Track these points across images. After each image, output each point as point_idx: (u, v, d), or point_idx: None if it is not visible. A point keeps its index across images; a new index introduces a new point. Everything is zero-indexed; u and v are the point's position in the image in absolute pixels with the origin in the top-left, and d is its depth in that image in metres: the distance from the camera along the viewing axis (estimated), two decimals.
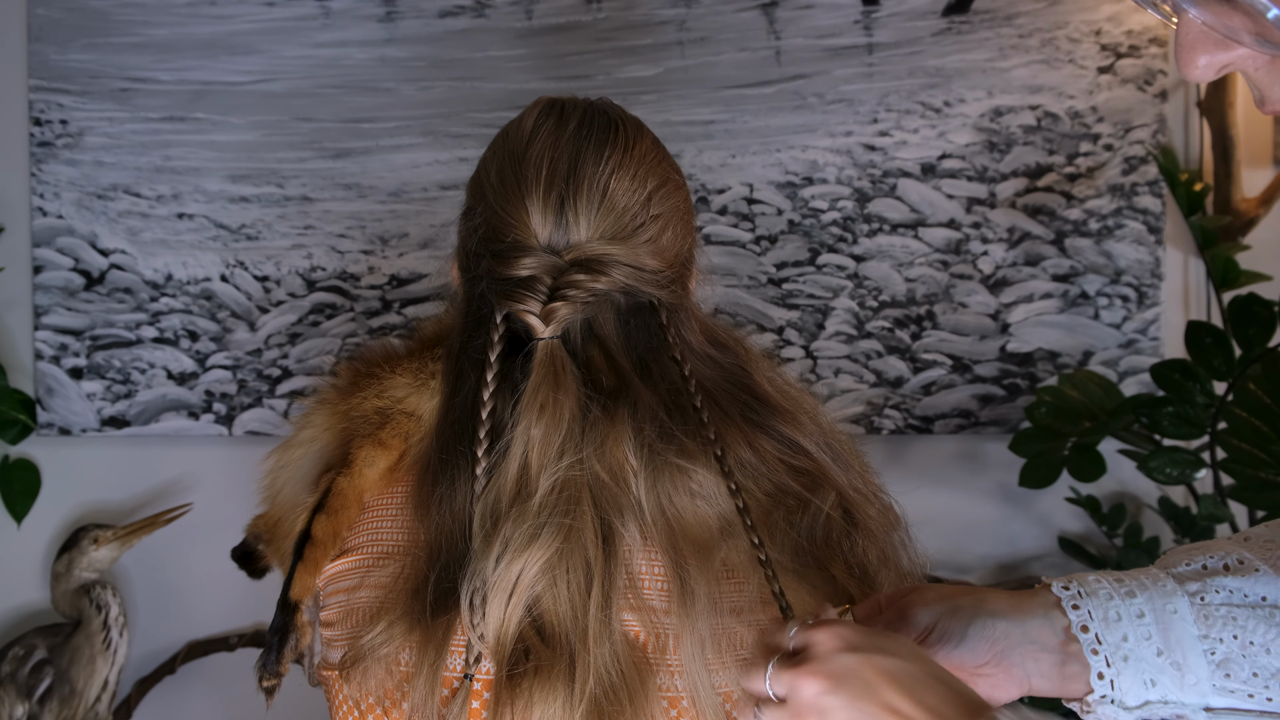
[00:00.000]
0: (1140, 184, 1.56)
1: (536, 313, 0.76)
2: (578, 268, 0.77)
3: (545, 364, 0.76)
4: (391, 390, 0.85)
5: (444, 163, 1.61)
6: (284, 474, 0.88)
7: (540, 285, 0.77)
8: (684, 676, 0.74)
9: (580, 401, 0.76)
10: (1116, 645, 0.65)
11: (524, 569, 0.72)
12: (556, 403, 0.75)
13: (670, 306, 0.81)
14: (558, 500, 0.74)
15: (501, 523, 0.74)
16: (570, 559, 0.73)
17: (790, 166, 1.58)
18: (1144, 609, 0.66)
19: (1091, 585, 0.68)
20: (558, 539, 0.73)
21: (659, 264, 0.80)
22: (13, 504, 1.62)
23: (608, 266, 0.77)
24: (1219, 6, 0.46)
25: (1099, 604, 0.67)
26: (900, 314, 1.58)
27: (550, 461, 0.74)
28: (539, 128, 0.82)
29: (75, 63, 1.62)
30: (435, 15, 1.60)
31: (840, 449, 0.84)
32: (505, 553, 0.73)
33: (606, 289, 0.77)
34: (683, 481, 0.76)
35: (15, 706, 1.49)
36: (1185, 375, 1.38)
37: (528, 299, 0.77)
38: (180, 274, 1.63)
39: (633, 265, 0.78)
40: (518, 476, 0.74)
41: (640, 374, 0.79)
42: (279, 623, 0.83)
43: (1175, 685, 0.64)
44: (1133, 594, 0.67)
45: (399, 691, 0.76)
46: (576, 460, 0.75)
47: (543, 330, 0.77)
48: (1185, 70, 0.51)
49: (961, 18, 1.57)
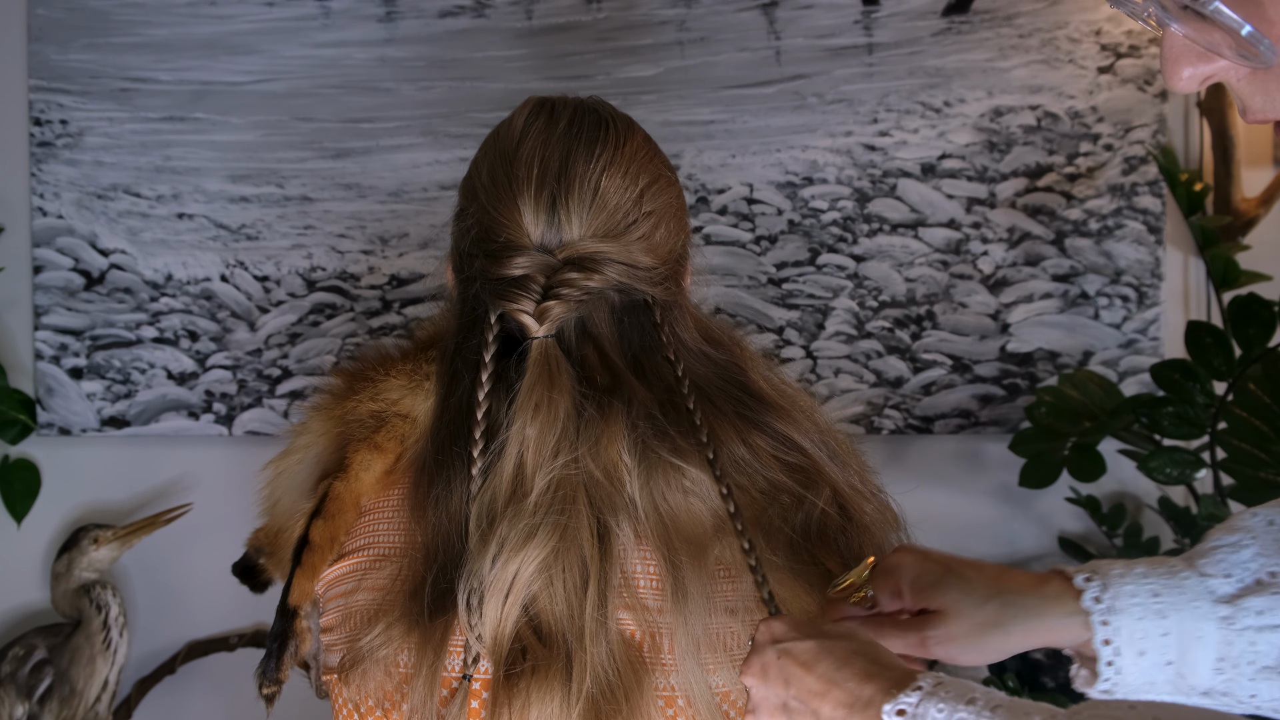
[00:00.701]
0: (1140, 184, 1.56)
1: (530, 312, 0.76)
2: (571, 266, 0.77)
3: (540, 363, 0.76)
4: (386, 393, 0.85)
5: (444, 163, 1.61)
6: (281, 482, 0.87)
7: (534, 284, 0.77)
8: (679, 675, 0.74)
9: (575, 400, 0.76)
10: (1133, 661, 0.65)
11: (520, 568, 0.72)
12: (551, 401, 0.75)
13: (664, 304, 0.81)
14: (553, 499, 0.74)
15: (497, 522, 0.74)
16: (566, 558, 0.73)
17: (790, 166, 1.58)
18: (1171, 629, 0.66)
19: (1125, 600, 0.67)
20: (554, 538, 0.73)
21: (652, 261, 0.80)
22: (13, 504, 1.62)
23: (601, 264, 0.77)
24: (1199, 22, 0.47)
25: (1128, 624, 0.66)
26: (900, 314, 1.58)
27: (545, 460, 0.74)
28: (529, 127, 0.81)
29: (75, 63, 1.62)
30: (435, 15, 1.60)
31: (838, 448, 0.84)
32: (501, 552, 0.73)
33: (600, 287, 0.77)
34: (676, 479, 0.76)
35: (15, 706, 1.49)
36: (1185, 375, 1.37)
37: (521, 298, 0.76)
38: (180, 274, 1.63)
39: (626, 263, 0.78)
40: (513, 476, 0.74)
41: (634, 372, 0.79)
42: (278, 629, 0.82)
43: (1169, 689, 0.65)
44: (1164, 615, 0.67)
45: (398, 693, 0.76)
46: (572, 459, 0.75)
47: (537, 329, 0.76)
48: (1171, 82, 0.53)
49: (961, 18, 1.57)
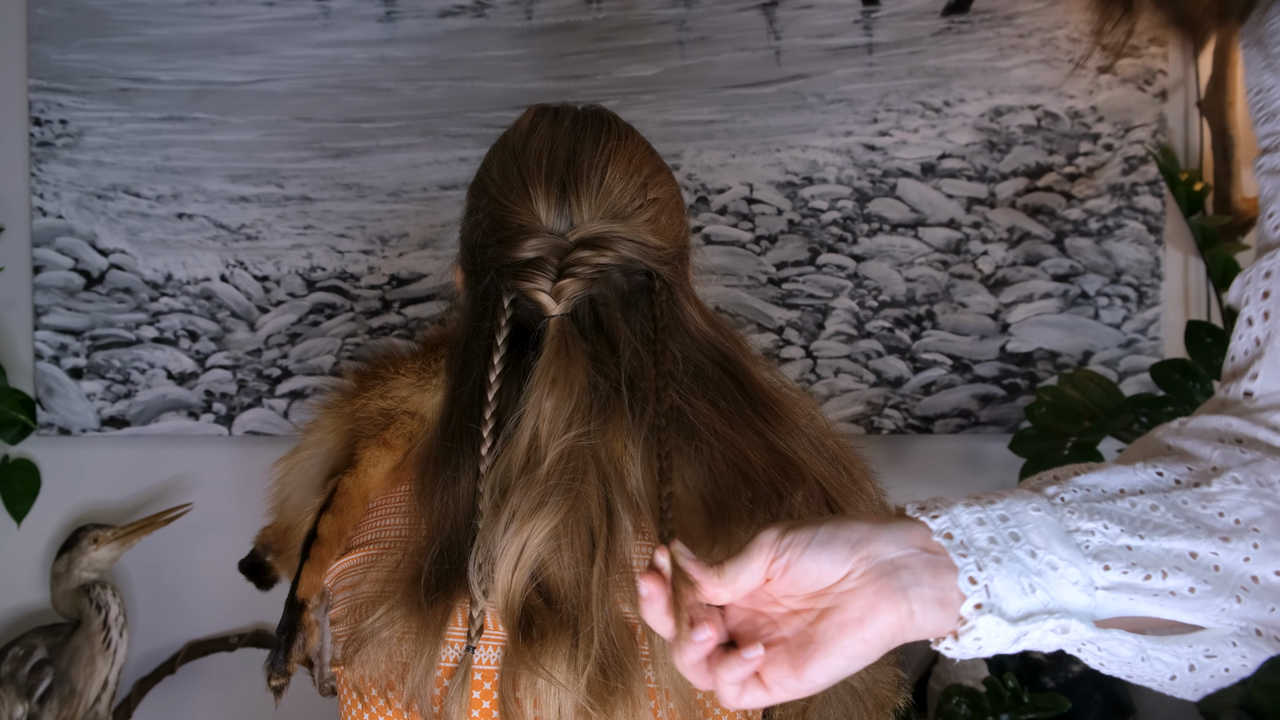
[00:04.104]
0: (1140, 184, 1.56)
1: (547, 290, 0.78)
2: (583, 246, 0.79)
3: (558, 339, 0.77)
4: (395, 390, 0.86)
5: (444, 163, 1.61)
6: (291, 479, 0.89)
7: (549, 264, 0.79)
8: (663, 668, 0.74)
9: (590, 377, 0.77)
10: (985, 549, 0.58)
11: (530, 535, 0.73)
12: (569, 376, 0.76)
13: (670, 284, 0.83)
14: (564, 469, 0.75)
15: (510, 493, 0.75)
16: (575, 526, 0.74)
17: (790, 166, 1.58)
18: (1005, 513, 0.61)
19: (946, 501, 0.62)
20: (564, 507, 0.74)
21: (660, 241, 0.82)
22: (13, 504, 1.62)
23: (612, 242, 0.80)
24: None
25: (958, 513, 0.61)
26: (900, 314, 1.58)
27: (559, 431, 0.75)
28: (536, 126, 0.85)
29: (75, 63, 1.62)
30: (435, 15, 1.60)
31: (838, 451, 0.84)
32: (513, 521, 0.74)
33: (611, 263, 0.80)
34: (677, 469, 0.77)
35: (15, 706, 1.49)
36: (1185, 375, 1.37)
37: (538, 278, 0.79)
38: (180, 274, 1.63)
39: (635, 240, 0.81)
40: (528, 447, 0.76)
41: (640, 356, 0.80)
42: (286, 622, 0.84)
43: (1055, 586, 0.58)
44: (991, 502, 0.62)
45: (401, 682, 0.77)
46: (584, 432, 0.76)
47: (554, 308, 0.78)
48: None
49: (961, 17, 1.57)
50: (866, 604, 0.57)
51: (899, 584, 0.57)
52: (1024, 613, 0.58)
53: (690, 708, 0.74)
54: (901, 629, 0.57)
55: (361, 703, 0.79)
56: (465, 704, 0.75)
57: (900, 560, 0.58)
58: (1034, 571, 0.58)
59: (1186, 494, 0.63)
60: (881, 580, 0.57)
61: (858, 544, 0.58)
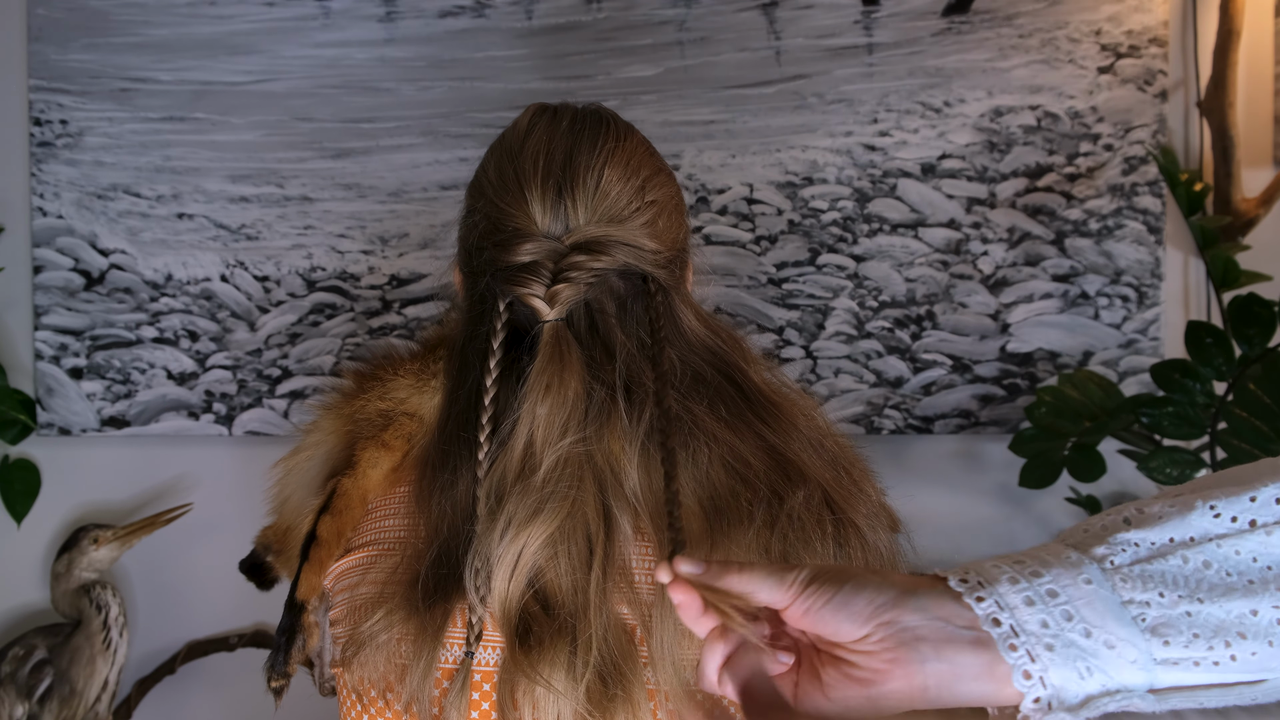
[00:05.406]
0: (1140, 184, 1.56)
1: (541, 295, 0.78)
2: (578, 250, 0.79)
3: (551, 344, 0.77)
4: (394, 391, 0.86)
5: (444, 163, 1.61)
6: (291, 480, 0.88)
7: (543, 269, 0.78)
8: (660, 669, 0.74)
9: (585, 383, 0.77)
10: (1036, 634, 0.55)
11: (527, 542, 0.73)
12: (563, 381, 0.76)
13: (667, 289, 0.82)
14: (560, 476, 0.75)
15: (506, 499, 0.75)
16: (571, 533, 0.74)
17: (790, 166, 1.58)
18: (1054, 587, 0.56)
19: (990, 571, 0.58)
20: (560, 513, 0.74)
21: (657, 245, 0.82)
22: (13, 504, 1.62)
23: (607, 247, 0.79)
24: None
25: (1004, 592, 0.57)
26: (900, 314, 1.58)
27: (554, 438, 0.75)
28: (534, 126, 0.84)
29: (75, 63, 1.62)
30: (435, 15, 1.60)
31: (838, 451, 0.84)
32: (509, 528, 0.74)
33: (607, 268, 0.79)
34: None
35: (15, 706, 1.49)
36: (1185, 375, 1.37)
37: (532, 282, 0.78)
38: (180, 274, 1.63)
39: (631, 244, 0.80)
40: (523, 453, 0.75)
41: (636, 361, 0.80)
42: (286, 623, 0.83)
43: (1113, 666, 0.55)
44: (1038, 573, 0.57)
45: (400, 684, 0.77)
46: (579, 438, 0.76)
47: (548, 312, 0.78)
48: None
49: (961, 18, 1.57)
50: (878, 669, 0.56)
51: (917, 656, 0.56)
52: (1082, 697, 0.55)
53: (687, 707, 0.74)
54: (911, 700, 0.56)
55: (361, 704, 0.79)
56: (464, 707, 0.75)
57: (923, 631, 0.56)
58: (1090, 653, 0.55)
59: (1241, 542, 0.59)
60: (900, 650, 0.56)
61: (881, 608, 0.57)
